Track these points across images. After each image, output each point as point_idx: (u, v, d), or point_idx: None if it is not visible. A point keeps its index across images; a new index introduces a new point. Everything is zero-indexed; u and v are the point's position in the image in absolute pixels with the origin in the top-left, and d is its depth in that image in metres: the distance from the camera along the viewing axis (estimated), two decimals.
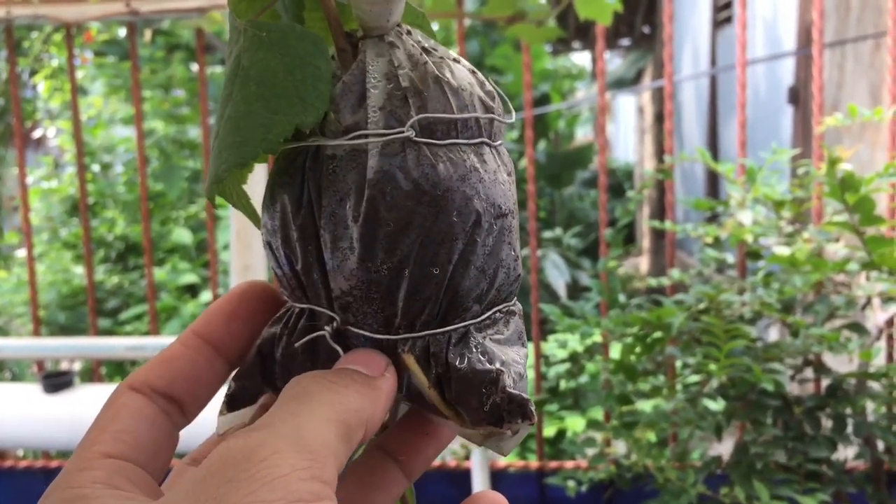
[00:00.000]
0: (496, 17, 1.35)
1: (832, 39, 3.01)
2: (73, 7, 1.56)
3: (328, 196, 0.33)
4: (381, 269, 0.32)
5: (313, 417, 0.29)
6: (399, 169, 0.32)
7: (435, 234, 0.32)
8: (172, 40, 4.96)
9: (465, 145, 0.34)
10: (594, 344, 1.49)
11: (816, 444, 1.23)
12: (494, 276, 0.34)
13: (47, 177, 5.03)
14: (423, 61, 0.34)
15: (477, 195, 0.33)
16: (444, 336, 0.34)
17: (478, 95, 0.35)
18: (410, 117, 0.33)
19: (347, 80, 0.33)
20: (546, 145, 6.46)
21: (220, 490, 0.26)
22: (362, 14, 0.34)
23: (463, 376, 0.33)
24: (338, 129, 0.33)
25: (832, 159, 1.09)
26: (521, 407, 0.33)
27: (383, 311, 0.33)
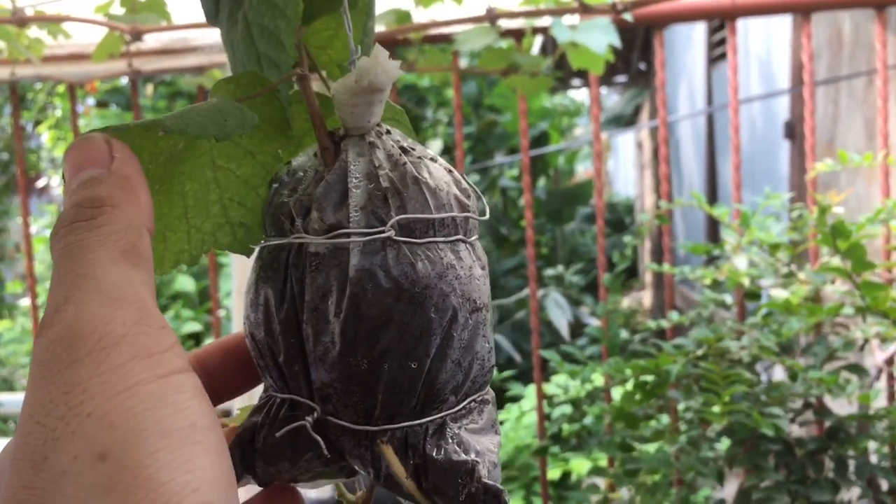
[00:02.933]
0: (491, 70, 1.38)
1: (826, 75, 3.04)
2: (76, 66, 1.59)
3: (311, 291, 0.34)
4: (362, 363, 0.33)
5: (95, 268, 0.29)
6: (380, 267, 0.33)
7: (413, 330, 0.33)
8: (174, 89, 5.02)
9: (442, 243, 0.35)
10: (595, 389, 1.49)
11: (819, 488, 1.23)
12: (469, 369, 0.36)
13: (51, 225, 5.06)
14: (402, 161, 0.35)
15: (454, 292, 0.34)
16: (421, 427, 0.35)
17: (454, 194, 0.36)
18: (391, 217, 0.34)
19: (330, 180, 0.35)
20: (546, 182, 6.49)
21: (63, 376, 0.27)
22: (344, 115, 0.36)
23: (440, 467, 0.34)
24: (321, 227, 0.34)
25: (822, 207, 1.10)
26: (495, 497, 0.34)
27: (363, 402, 0.34)
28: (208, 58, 1.50)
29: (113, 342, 0.28)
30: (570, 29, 1.31)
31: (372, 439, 0.34)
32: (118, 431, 0.26)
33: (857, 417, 1.30)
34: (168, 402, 0.28)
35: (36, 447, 0.27)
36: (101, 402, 0.27)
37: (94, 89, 4.85)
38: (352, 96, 0.35)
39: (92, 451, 0.26)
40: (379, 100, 0.35)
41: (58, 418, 0.27)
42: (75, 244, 0.30)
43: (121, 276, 0.29)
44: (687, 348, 1.32)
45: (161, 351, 0.28)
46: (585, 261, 5.95)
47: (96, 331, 0.28)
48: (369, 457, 0.34)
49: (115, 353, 0.27)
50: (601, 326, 1.69)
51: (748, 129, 4.33)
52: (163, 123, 0.33)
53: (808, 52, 1.58)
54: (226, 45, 0.40)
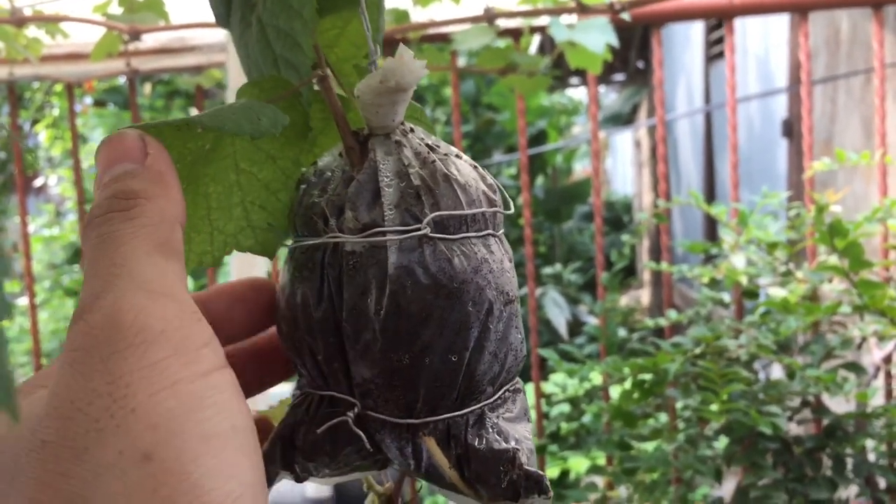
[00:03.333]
0: (489, 69, 1.38)
1: (823, 74, 3.05)
2: (74, 66, 1.59)
3: (349, 290, 0.34)
4: (404, 359, 0.34)
5: (131, 260, 0.30)
6: (418, 264, 0.34)
7: (453, 324, 0.34)
8: (171, 88, 5.02)
9: (475, 238, 0.36)
10: (594, 387, 1.49)
11: (817, 486, 1.24)
12: (505, 359, 0.36)
13: (49, 224, 5.06)
14: (431, 159, 0.36)
15: (489, 285, 0.35)
16: (462, 418, 0.35)
17: (482, 190, 0.37)
18: (425, 214, 0.35)
19: (362, 179, 0.35)
20: (544, 181, 6.49)
21: (104, 367, 0.27)
22: (369, 115, 0.36)
23: (482, 456, 0.35)
24: (356, 226, 0.35)
25: (820, 206, 1.11)
26: (537, 483, 0.35)
27: (405, 397, 0.35)
28: (206, 57, 1.50)
29: (152, 337, 0.28)
30: (567, 28, 1.31)
31: (414, 432, 0.35)
32: (161, 432, 0.27)
33: (854, 416, 1.30)
34: (208, 402, 0.28)
35: (77, 435, 0.26)
36: (144, 399, 0.27)
37: (92, 88, 4.85)
38: (376, 96, 0.35)
39: (137, 448, 0.26)
40: (403, 99, 0.36)
41: (102, 408, 0.27)
42: (110, 234, 0.30)
43: (156, 269, 0.30)
44: (685, 347, 1.33)
45: (199, 346, 0.29)
46: (583, 259, 5.96)
47: (135, 323, 0.28)
48: (410, 449, 0.35)
49: (154, 348, 0.28)
50: (599, 325, 1.69)
51: (746, 127, 4.33)
52: (200, 121, 0.33)
53: (805, 50, 1.59)
54: (239, 47, 0.40)
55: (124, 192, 0.31)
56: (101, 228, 0.31)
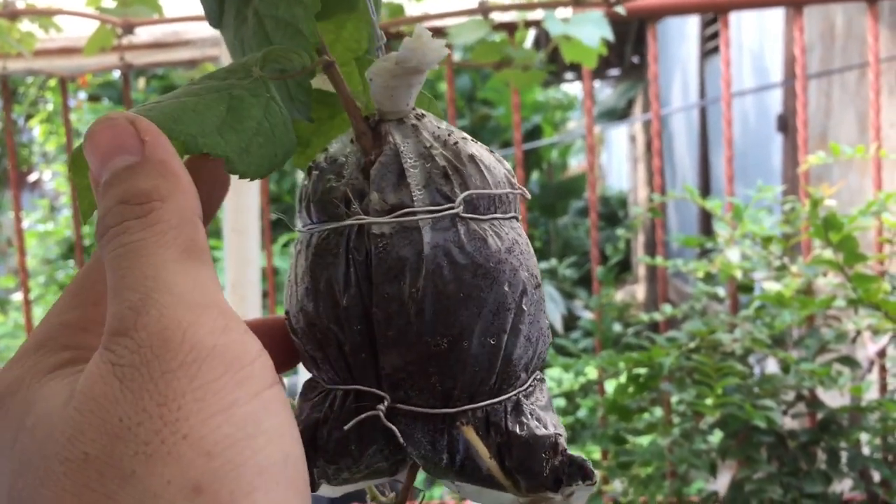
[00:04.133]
0: (484, 63, 1.38)
1: (818, 68, 3.05)
2: (68, 60, 1.59)
3: (380, 273, 0.33)
4: (441, 343, 0.32)
5: (163, 271, 0.28)
6: (453, 243, 0.33)
7: (491, 305, 0.33)
8: (166, 83, 5.00)
9: (502, 219, 0.35)
10: (589, 381, 1.49)
11: (811, 480, 1.24)
12: (537, 344, 0.35)
13: (43, 219, 5.05)
14: (452, 141, 0.35)
15: (521, 266, 0.34)
16: (501, 405, 0.34)
17: (503, 172, 0.36)
18: (455, 194, 0.34)
19: (384, 161, 0.34)
20: (539, 176, 6.49)
21: (155, 385, 0.26)
22: (382, 99, 0.35)
23: (524, 443, 0.33)
24: (383, 207, 0.33)
25: (814, 199, 1.11)
26: (581, 468, 0.34)
27: (442, 384, 0.33)
28: (200, 51, 1.50)
29: (204, 354, 0.27)
30: (562, 22, 1.31)
31: (450, 422, 0.33)
32: (215, 462, 0.26)
33: (849, 409, 1.30)
34: (263, 427, 0.27)
35: (125, 456, 0.25)
36: (197, 424, 0.26)
37: (86, 83, 4.83)
38: (391, 78, 0.34)
39: (187, 479, 0.25)
40: (418, 82, 0.35)
41: (152, 431, 0.26)
42: (132, 245, 0.29)
43: (190, 277, 0.29)
44: (680, 341, 1.33)
45: (251, 361, 0.28)
46: (579, 254, 5.96)
47: (186, 340, 0.27)
48: (445, 442, 0.33)
49: (207, 367, 0.27)
50: (594, 319, 1.70)
51: (741, 122, 4.34)
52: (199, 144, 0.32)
53: (800, 45, 1.59)
54: (233, 46, 0.38)
55: (135, 196, 0.30)
56: (120, 238, 0.29)
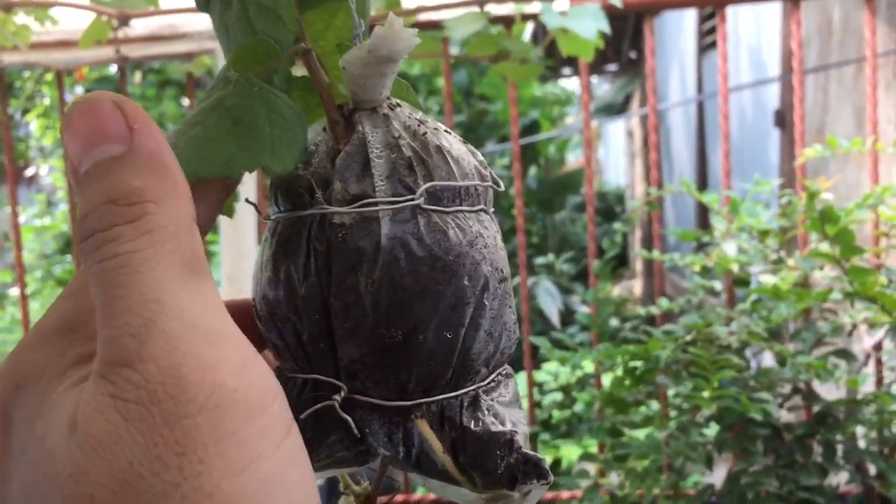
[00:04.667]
0: (480, 56, 1.37)
1: (815, 63, 3.05)
2: (64, 53, 1.58)
3: (338, 264, 0.33)
4: (396, 335, 0.32)
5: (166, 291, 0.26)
6: (412, 235, 0.33)
7: (448, 299, 0.33)
8: (163, 77, 5.00)
9: (468, 212, 0.35)
10: (586, 375, 1.50)
11: (807, 472, 1.24)
12: (499, 339, 0.35)
13: (40, 214, 5.04)
14: (421, 131, 0.35)
15: (484, 260, 0.34)
16: (457, 400, 0.34)
17: (474, 164, 0.36)
18: (418, 185, 0.33)
19: (349, 151, 0.34)
20: (537, 171, 6.49)
21: (170, 430, 0.24)
22: (356, 87, 0.35)
23: (478, 439, 0.33)
24: (345, 197, 0.33)
25: (811, 192, 1.11)
26: (536, 467, 0.33)
27: (396, 377, 0.33)
28: (197, 44, 1.50)
29: (227, 399, 0.25)
30: (559, 15, 1.31)
31: (405, 415, 0.33)
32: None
33: (845, 402, 1.30)
34: (288, 484, 0.25)
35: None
36: (222, 481, 0.24)
37: (83, 77, 4.82)
38: (364, 67, 0.34)
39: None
40: (392, 71, 0.35)
41: (170, 485, 0.23)
42: (126, 257, 0.26)
43: (196, 298, 0.26)
44: (676, 334, 1.33)
45: (271, 404, 0.26)
46: (576, 249, 5.96)
47: (205, 381, 0.24)
48: (400, 435, 0.33)
49: (229, 414, 0.24)
50: (591, 313, 1.70)
51: (738, 117, 4.34)
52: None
53: (797, 39, 1.59)
54: (219, 30, 0.38)
55: (124, 195, 0.27)
56: (111, 247, 0.26)
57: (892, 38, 2.35)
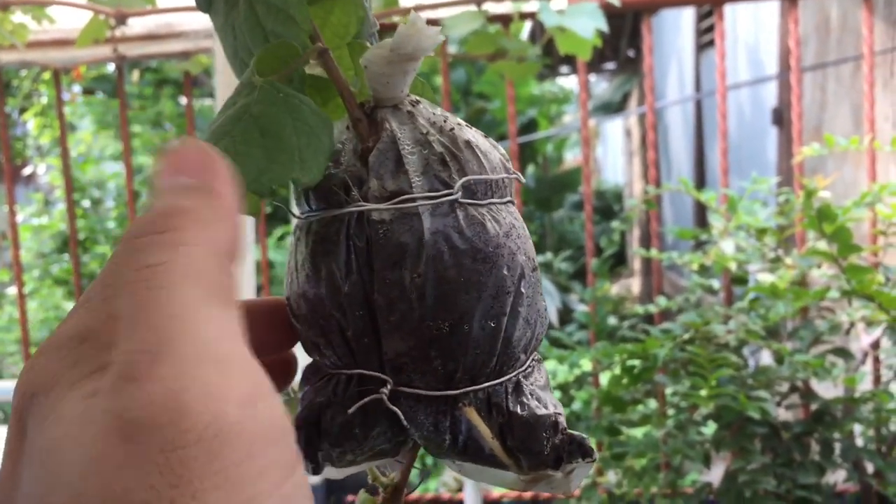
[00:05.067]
0: (478, 55, 1.37)
1: (813, 61, 3.05)
2: (61, 52, 1.58)
3: (381, 259, 0.33)
4: (443, 327, 0.33)
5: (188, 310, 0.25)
6: (453, 229, 0.33)
7: (490, 289, 0.34)
8: (160, 76, 4.99)
9: (499, 204, 0.35)
10: (583, 373, 1.50)
11: (805, 471, 1.24)
12: (535, 325, 0.36)
13: (37, 213, 5.03)
14: (448, 127, 0.36)
15: (519, 250, 0.35)
16: (501, 386, 0.35)
17: (499, 157, 0.37)
18: (453, 180, 0.34)
19: (381, 148, 0.34)
20: (535, 169, 6.49)
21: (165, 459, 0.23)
22: (378, 86, 0.35)
23: (525, 423, 0.34)
24: (382, 194, 0.34)
25: (809, 190, 1.11)
26: (581, 446, 0.35)
27: (444, 367, 0.34)
28: (194, 43, 1.49)
29: (227, 429, 0.23)
30: (557, 14, 1.31)
31: (453, 404, 0.34)
32: None
33: (842, 400, 1.30)
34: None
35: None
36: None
37: (80, 76, 4.82)
38: (387, 65, 0.34)
39: None
40: (413, 68, 0.35)
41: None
42: (157, 269, 0.25)
43: (218, 327, 0.25)
44: (674, 332, 1.33)
45: (275, 441, 0.25)
46: (574, 248, 5.97)
47: (207, 409, 0.23)
48: (447, 423, 0.34)
49: (229, 447, 0.23)
50: (589, 311, 1.70)
51: (736, 115, 4.34)
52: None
53: (795, 37, 1.59)
54: (223, 32, 0.38)
55: (172, 209, 0.27)
56: (144, 257, 0.26)
57: (890, 35, 2.35)
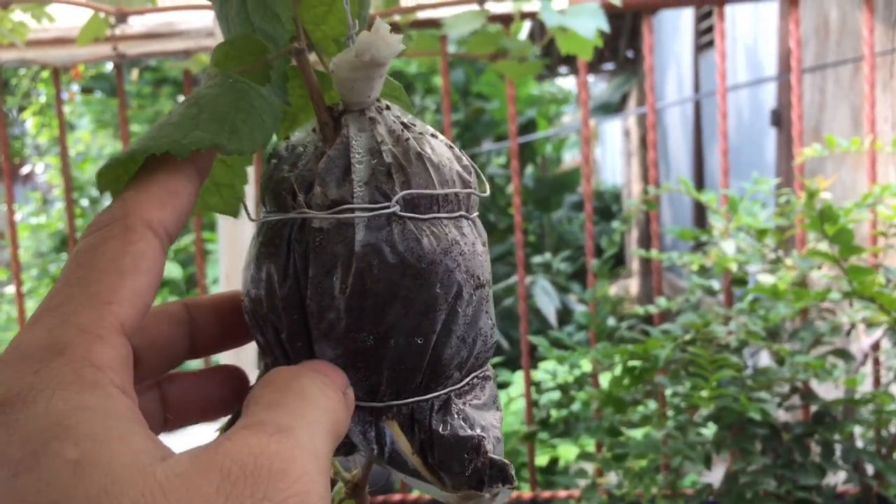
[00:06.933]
0: (479, 54, 1.37)
1: (812, 63, 3.05)
2: (61, 50, 1.58)
3: (315, 267, 0.33)
4: (367, 339, 0.33)
5: (320, 428, 0.28)
6: (385, 242, 0.33)
7: (419, 306, 0.33)
8: (159, 75, 4.98)
9: (446, 219, 0.35)
10: (583, 374, 1.49)
11: (805, 472, 1.24)
12: (473, 345, 0.36)
13: (36, 212, 5.03)
14: (404, 137, 0.35)
15: (458, 267, 0.34)
16: (427, 403, 0.35)
17: (456, 170, 0.36)
18: (395, 192, 0.34)
19: (332, 155, 0.34)
20: (534, 170, 6.49)
21: (251, 503, 0.24)
22: (344, 90, 0.35)
23: (446, 442, 0.34)
24: (324, 202, 0.34)
25: (810, 191, 1.11)
26: (501, 471, 0.34)
27: (368, 379, 0.34)
28: (194, 42, 1.49)
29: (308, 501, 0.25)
30: (558, 14, 1.30)
31: (377, 415, 0.35)
32: None
33: (843, 402, 1.30)
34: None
35: None
36: None
37: (79, 75, 4.81)
38: (352, 71, 0.34)
39: None
40: (379, 74, 0.35)
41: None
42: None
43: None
44: (675, 333, 1.33)
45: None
46: (573, 249, 5.96)
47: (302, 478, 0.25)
48: (373, 433, 0.35)
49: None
50: (589, 312, 1.69)
51: (735, 117, 4.34)
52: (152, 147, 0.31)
53: (795, 37, 1.58)
54: (220, 20, 0.39)
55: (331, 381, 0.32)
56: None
57: (889, 37, 2.35)
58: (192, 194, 0.31)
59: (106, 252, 0.28)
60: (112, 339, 0.26)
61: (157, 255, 0.29)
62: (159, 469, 0.24)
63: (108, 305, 0.27)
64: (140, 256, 0.28)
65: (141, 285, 0.28)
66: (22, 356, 0.26)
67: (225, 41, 0.36)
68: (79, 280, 0.27)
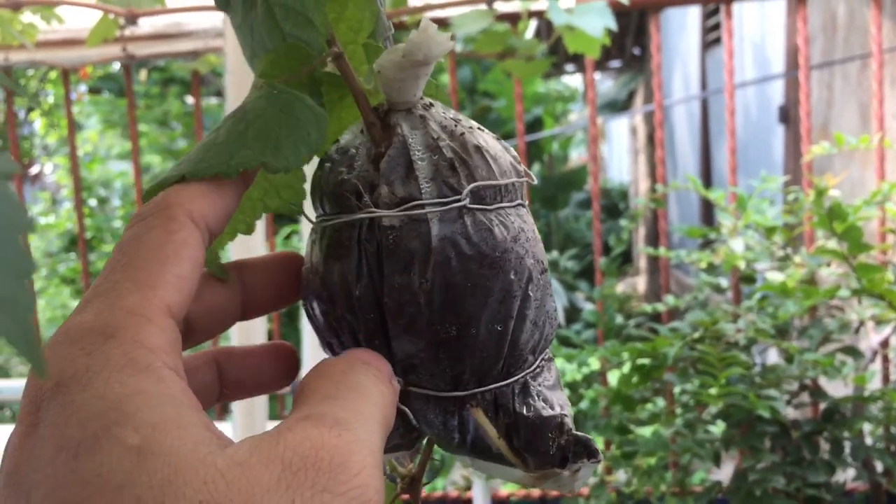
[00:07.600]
0: (487, 53, 1.37)
1: (820, 59, 3.04)
2: (70, 52, 1.58)
3: (390, 265, 0.34)
4: (450, 331, 0.34)
5: (374, 422, 0.28)
6: (460, 235, 0.34)
7: (497, 294, 0.34)
8: (167, 75, 4.99)
9: (508, 208, 0.36)
10: (592, 372, 1.50)
11: (814, 469, 1.24)
12: (543, 327, 0.37)
13: (45, 212, 5.04)
14: (459, 131, 0.36)
15: (527, 253, 0.35)
16: (508, 388, 0.36)
17: (509, 160, 0.37)
18: (462, 186, 0.34)
19: (392, 154, 0.35)
20: (541, 168, 6.49)
21: (311, 494, 0.24)
22: (391, 89, 0.36)
23: (531, 424, 0.35)
24: (392, 200, 0.34)
25: (819, 189, 1.11)
26: (586, 447, 0.35)
27: (452, 369, 0.35)
28: (203, 42, 1.49)
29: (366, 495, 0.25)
30: (566, 12, 1.30)
31: (460, 405, 0.35)
32: None
33: (852, 399, 1.30)
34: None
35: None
36: None
37: (87, 76, 4.83)
38: (399, 71, 0.35)
39: None
40: (426, 73, 0.36)
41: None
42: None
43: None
44: (683, 331, 1.33)
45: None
46: (580, 246, 5.96)
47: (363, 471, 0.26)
48: (455, 422, 0.35)
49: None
50: (597, 310, 1.69)
51: (742, 114, 4.33)
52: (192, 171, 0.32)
53: (804, 34, 1.58)
54: (241, 32, 0.38)
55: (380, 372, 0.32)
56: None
57: None
58: (235, 194, 0.32)
59: (149, 241, 0.28)
60: (161, 322, 0.27)
61: (198, 245, 0.29)
62: (220, 458, 0.24)
63: (153, 290, 0.27)
64: (182, 244, 0.29)
65: (184, 271, 0.28)
66: (72, 339, 0.26)
67: (269, 51, 0.36)
68: (123, 267, 0.28)
